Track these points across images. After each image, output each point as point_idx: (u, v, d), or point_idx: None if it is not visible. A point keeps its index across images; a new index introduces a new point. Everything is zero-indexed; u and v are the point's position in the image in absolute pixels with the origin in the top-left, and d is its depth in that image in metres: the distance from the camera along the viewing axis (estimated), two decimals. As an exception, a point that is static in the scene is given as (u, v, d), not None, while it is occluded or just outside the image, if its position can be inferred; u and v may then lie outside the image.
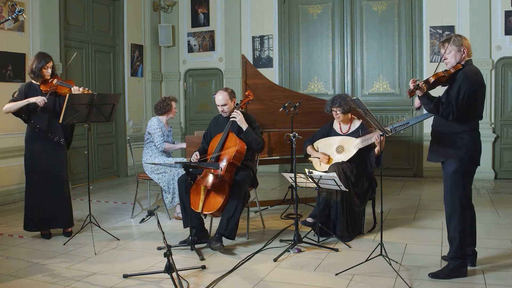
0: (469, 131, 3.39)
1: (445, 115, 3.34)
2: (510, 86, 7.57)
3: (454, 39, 3.41)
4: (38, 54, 4.56)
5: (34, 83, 4.49)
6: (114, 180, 8.28)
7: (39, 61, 4.44)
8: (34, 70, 4.43)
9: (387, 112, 8.07)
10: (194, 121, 9.49)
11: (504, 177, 7.59)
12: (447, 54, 3.41)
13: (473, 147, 3.40)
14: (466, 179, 3.44)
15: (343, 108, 4.56)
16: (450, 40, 3.41)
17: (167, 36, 9.13)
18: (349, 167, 4.40)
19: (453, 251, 3.43)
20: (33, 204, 4.48)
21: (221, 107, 4.49)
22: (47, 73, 4.47)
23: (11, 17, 3.69)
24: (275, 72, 8.70)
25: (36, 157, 4.47)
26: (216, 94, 4.53)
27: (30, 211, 4.50)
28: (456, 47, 3.39)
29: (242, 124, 4.43)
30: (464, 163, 3.38)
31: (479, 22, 7.45)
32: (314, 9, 8.52)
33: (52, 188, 4.50)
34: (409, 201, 6.10)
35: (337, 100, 4.58)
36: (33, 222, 4.50)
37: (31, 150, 4.49)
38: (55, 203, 4.51)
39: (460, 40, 3.40)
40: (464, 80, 3.30)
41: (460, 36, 3.44)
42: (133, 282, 3.46)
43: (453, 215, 3.42)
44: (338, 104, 4.57)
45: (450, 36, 3.47)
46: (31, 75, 4.47)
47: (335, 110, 4.61)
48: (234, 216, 4.15)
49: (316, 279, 3.49)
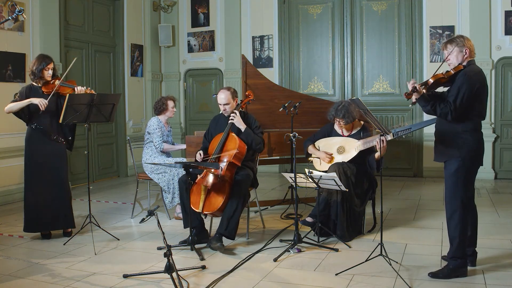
0: (471, 131, 3.38)
1: (444, 115, 3.34)
2: (510, 86, 7.57)
3: (456, 40, 3.42)
4: (39, 56, 4.55)
5: (35, 85, 4.48)
6: (114, 180, 8.28)
7: (40, 62, 4.43)
8: (34, 71, 4.42)
9: (387, 112, 8.07)
10: (194, 121, 9.49)
11: (504, 177, 7.59)
12: (449, 55, 3.42)
13: (475, 147, 3.40)
14: (468, 179, 3.43)
15: (346, 120, 4.53)
16: (453, 41, 3.43)
17: (167, 36, 9.13)
18: (350, 167, 4.40)
19: (453, 251, 3.43)
20: (33, 206, 4.46)
21: (223, 106, 4.49)
22: (48, 75, 4.46)
23: (11, 17, 3.69)
24: (275, 72, 8.70)
25: (36, 158, 4.46)
26: (219, 92, 4.53)
27: (30, 213, 4.48)
28: (458, 48, 3.40)
29: (240, 125, 4.44)
30: (465, 163, 3.38)
31: (479, 22, 7.45)
32: (314, 9, 8.52)
33: (53, 189, 4.50)
34: (409, 201, 6.10)
35: (341, 112, 4.51)
36: (33, 223, 4.48)
37: (32, 151, 4.48)
38: (56, 205, 4.50)
39: (462, 41, 3.41)
40: (464, 80, 3.30)
41: (462, 37, 3.45)
42: (133, 282, 3.46)
43: (453, 215, 3.42)
44: (342, 116, 4.52)
45: (453, 37, 3.49)
46: (32, 76, 4.46)
47: (338, 121, 4.58)
48: (234, 216, 4.15)
49: (316, 279, 3.49)
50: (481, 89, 3.36)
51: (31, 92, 4.43)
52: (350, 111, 4.50)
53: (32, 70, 4.44)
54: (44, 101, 4.30)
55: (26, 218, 4.50)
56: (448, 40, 3.50)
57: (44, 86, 4.47)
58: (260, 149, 4.49)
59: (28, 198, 4.49)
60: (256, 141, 4.42)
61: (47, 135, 4.46)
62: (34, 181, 4.47)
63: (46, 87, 4.46)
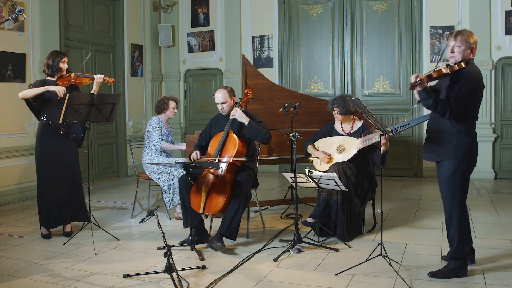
0: (466, 132, 3.36)
1: (442, 113, 3.29)
2: (510, 86, 7.57)
3: (466, 33, 3.31)
4: (53, 51, 4.64)
5: (49, 79, 4.51)
6: (114, 180, 8.28)
7: (56, 55, 4.52)
8: (52, 65, 4.47)
9: (387, 112, 8.07)
10: (194, 121, 9.49)
11: (504, 177, 7.59)
12: (456, 47, 3.32)
13: (470, 148, 3.39)
14: (464, 180, 3.42)
15: (340, 109, 4.60)
16: (463, 34, 3.31)
17: (167, 36, 9.13)
18: (350, 167, 4.40)
19: (452, 251, 3.43)
20: (50, 201, 4.48)
21: (221, 105, 4.48)
22: (64, 67, 4.53)
23: (11, 17, 3.69)
24: (275, 72, 8.70)
25: (48, 154, 4.48)
26: (216, 92, 4.53)
27: (47, 209, 4.50)
28: (467, 44, 3.29)
29: (242, 119, 4.40)
30: (461, 164, 3.36)
31: (479, 22, 7.44)
32: (314, 9, 8.52)
33: (68, 185, 4.53)
34: (409, 201, 6.10)
35: (337, 101, 4.65)
36: (53, 218, 4.51)
37: (44, 147, 4.49)
38: (72, 199, 4.55)
39: (472, 37, 3.31)
40: (466, 80, 3.26)
41: (471, 32, 3.34)
42: (133, 282, 3.46)
43: (452, 217, 3.41)
44: (337, 105, 4.63)
45: (463, 30, 3.37)
46: (48, 70, 4.49)
47: (335, 110, 4.66)
48: (235, 217, 4.14)
49: (316, 279, 3.49)
50: (479, 90, 3.36)
51: (46, 84, 4.45)
52: (345, 102, 4.57)
53: (48, 64, 4.48)
54: (62, 88, 4.34)
55: (43, 214, 4.51)
56: (457, 31, 3.35)
57: (59, 79, 4.52)
58: (267, 138, 4.41)
59: (43, 194, 4.51)
60: (262, 132, 4.39)
61: (57, 130, 4.46)
62: (48, 177, 4.49)
63: (61, 80, 4.50)
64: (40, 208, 4.53)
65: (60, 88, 4.33)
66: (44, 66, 4.53)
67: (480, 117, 7.50)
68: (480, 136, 3.61)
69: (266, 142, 4.48)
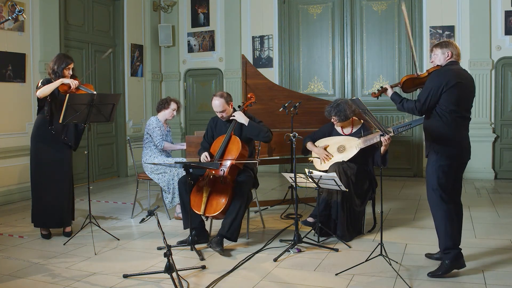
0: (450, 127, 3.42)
1: (410, 110, 3.56)
2: (510, 86, 7.56)
3: (442, 43, 3.59)
4: (60, 55, 4.60)
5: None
6: (114, 180, 8.28)
7: (61, 61, 4.47)
8: (56, 70, 4.45)
9: (387, 112, 8.07)
10: (194, 121, 9.49)
11: (504, 177, 7.59)
12: (433, 57, 3.61)
13: (454, 144, 3.45)
14: (446, 173, 3.45)
15: (338, 118, 4.61)
16: (438, 44, 3.61)
17: (167, 36, 9.13)
18: (350, 167, 4.40)
19: (443, 243, 3.44)
20: (41, 201, 4.49)
21: (220, 114, 4.48)
22: (68, 74, 4.50)
23: (11, 17, 3.68)
24: (275, 72, 8.70)
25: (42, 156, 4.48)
26: (212, 100, 4.48)
27: (38, 208, 4.52)
28: (441, 50, 3.56)
29: (242, 119, 4.42)
30: (441, 157, 3.45)
31: (479, 22, 7.44)
32: (314, 9, 8.52)
33: (59, 187, 4.53)
34: (409, 201, 6.10)
35: (334, 109, 4.62)
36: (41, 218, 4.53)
37: (38, 148, 4.50)
38: (62, 203, 4.54)
39: (447, 44, 3.57)
40: (431, 78, 3.48)
41: (449, 41, 3.63)
42: (133, 282, 3.46)
43: (434, 209, 3.54)
44: (334, 113, 4.63)
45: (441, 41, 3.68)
46: (52, 75, 4.48)
47: (333, 118, 4.67)
48: (236, 218, 4.14)
49: (316, 279, 3.49)
50: (453, 86, 3.38)
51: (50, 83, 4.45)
52: (343, 109, 4.56)
53: (53, 69, 4.46)
54: (75, 82, 4.36)
55: (34, 213, 4.53)
56: (435, 43, 3.67)
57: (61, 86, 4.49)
58: (269, 137, 4.43)
59: (36, 194, 4.52)
60: (264, 130, 4.40)
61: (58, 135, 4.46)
62: (41, 178, 4.50)
63: (62, 87, 4.48)
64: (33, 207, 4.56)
65: (74, 82, 4.37)
66: (49, 69, 4.52)
67: (480, 117, 7.52)
68: (480, 136, 3.64)
69: (268, 140, 4.49)
